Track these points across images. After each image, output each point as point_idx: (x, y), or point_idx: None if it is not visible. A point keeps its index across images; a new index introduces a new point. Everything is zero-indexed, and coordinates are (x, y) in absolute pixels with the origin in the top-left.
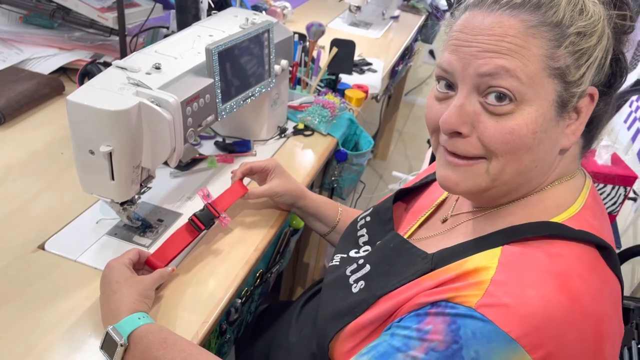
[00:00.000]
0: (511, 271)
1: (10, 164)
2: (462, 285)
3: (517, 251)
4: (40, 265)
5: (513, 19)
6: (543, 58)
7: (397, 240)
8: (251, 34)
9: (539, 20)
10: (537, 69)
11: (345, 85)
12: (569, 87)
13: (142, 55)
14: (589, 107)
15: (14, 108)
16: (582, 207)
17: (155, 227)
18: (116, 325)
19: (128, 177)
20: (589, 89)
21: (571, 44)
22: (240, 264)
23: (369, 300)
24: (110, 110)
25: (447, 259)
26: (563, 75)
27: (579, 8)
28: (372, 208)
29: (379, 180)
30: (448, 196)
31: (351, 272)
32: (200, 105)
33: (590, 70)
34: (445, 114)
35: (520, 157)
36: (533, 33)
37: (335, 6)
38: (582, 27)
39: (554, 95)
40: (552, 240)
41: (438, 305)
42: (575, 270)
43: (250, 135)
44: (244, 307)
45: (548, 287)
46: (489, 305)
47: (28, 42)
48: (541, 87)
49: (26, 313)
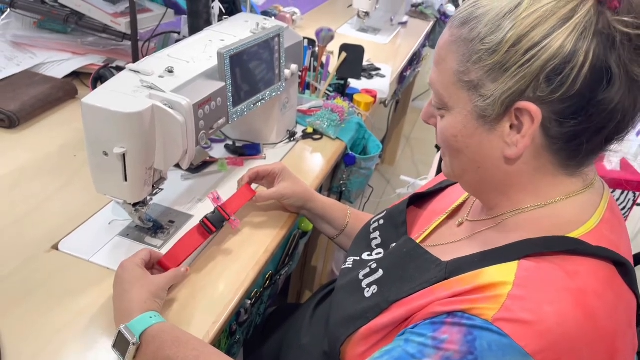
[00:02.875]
0: (528, 287)
1: (25, 166)
2: (479, 297)
3: (534, 266)
4: (54, 265)
5: (447, 33)
6: (455, 71)
7: (411, 245)
8: (262, 38)
9: (457, 35)
10: (450, 81)
11: (353, 90)
12: (484, 100)
13: (155, 59)
14: (530, 123)
15: (28, 112)
16: (599, 222)
17: (167, 228)
18: (128, 325)
19: (141, 178)
20: (521, 104)
21: (480, 59)
22: (250, 265)
23: (382, 305)
24: (125, 113)
25: (461, 268)
26: (476, 88)
27: (497, 25)
28: (385, 211)
29: (386, 185)
30: (465, 201)
31: (364, 276)
32: (212, 108)
33: (511, 85)
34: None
35: (455, 155)
36: (451, 48)
37: (343, 12)
38: (489, 44)
39: (470, 106)
40: (568, 256)
41: (454, 315)
42: (591, 286)
43: (260, 139)
44: (253, 309)
45: (564, 304)
46: (506, 320)
47: (42, 47)
48: (457, 97)
49: (40, 312)
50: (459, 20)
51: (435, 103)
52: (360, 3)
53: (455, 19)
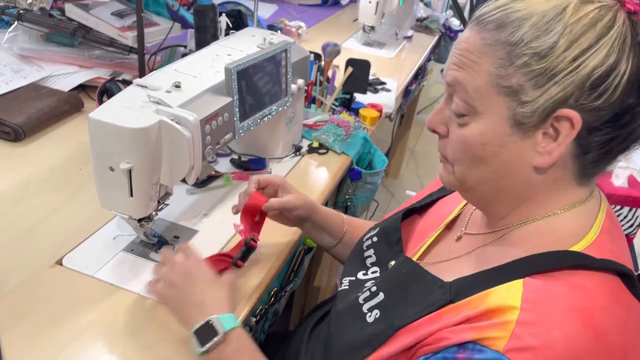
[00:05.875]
0: (536, 311)
1: (30, 179)
2: (488, 324)
3: (540, 286)
4: (57, 280)
5: (476, 36)
6: (492, 75)
7: (409, 265)
8: (269, 53)
9: (494, 39)
10: (485, 84)
11: (359, 105)
12: (523, 106)
13: (162, 73)
14: (569, 131)
15: (34, 124)
16: (599, 233)
17: (171, 243)
18: (220, 317)
19: (146, 194)
20: (563, 111)
21: (524, 64)
22: (255, 282)
23: (387, 332)
24: (131, 128)
25: (466, 290)
26: (515, 93)
27: (544, 29)
28: (378, 227)
29: (390, 198)
30: (461, 212)
31: (364, 300)
32: (219, 124)
33: (556, 92)
34: (430, 115)
35: (476, 165)
36: (486, 51)
37: (349, 26)
38: (538, 48)
39: (506, 112)
40: (573, 270)
41: (465, 347)
42: (599, 302)
43: (265, 153)
44: (257, 326)
45: (573, 326)
46: (516, 350)
47: (49, 60)
48: (491, 103)
49: (43, 328)
50: (494, 23)
51: (459, 108)
52: (366, 17)
53: (485, 22)
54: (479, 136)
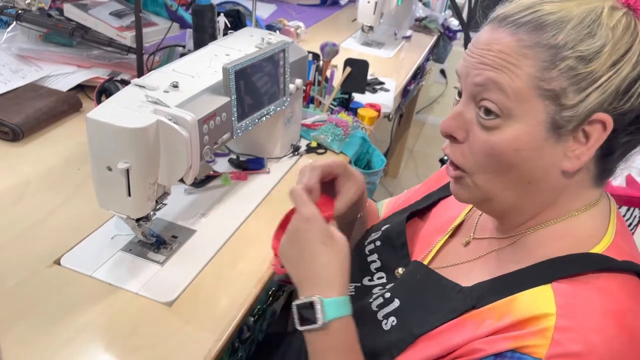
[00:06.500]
0: (571, 316)
1: (28, 179)
2: (525, 333)
3: (570, 291)
4: (55, 280)
5: (511, 37)
6: (533, 78)
7: (423, 270)
8: (267, 53)
9: (535, 41)
10: (525, 86)
11: (357, 104)
12: (564, 110)
13: (160, 73)
14: (601, 134)
15: (33, 124)
16: (615, 234)
17: (170, 243)
18: (326, 301)
19: (144, 193)
20: (598, 115)
21: (569, 67)
22: (253, 282)
23: (407, 339)
24: (129, 128)
25: (487, 295)
26: (556, 97)
27: (586, 32)
28: (380, 231)
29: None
30: (466, 217)
31: (378, 307)
32: (217, 124)
33: (596, 96)
34: (445, 119)
35: (503, 172)
36: (526, 53)
37: (347, 26)
38: (585, 52)
39: (544, 116)
40: (597, 273)
41: (504, 356)
42: (626, 304)
43: (263, 153)
44: (256, 325)
45: (609, 330)
46: (559, 356)
47: (47, 60)
48: (529, 106)
49: (41, 328)
50: (531, 25)
51: (493, 109)
52: (365, 17)
53: (519, 24)
54: (513, 141)
